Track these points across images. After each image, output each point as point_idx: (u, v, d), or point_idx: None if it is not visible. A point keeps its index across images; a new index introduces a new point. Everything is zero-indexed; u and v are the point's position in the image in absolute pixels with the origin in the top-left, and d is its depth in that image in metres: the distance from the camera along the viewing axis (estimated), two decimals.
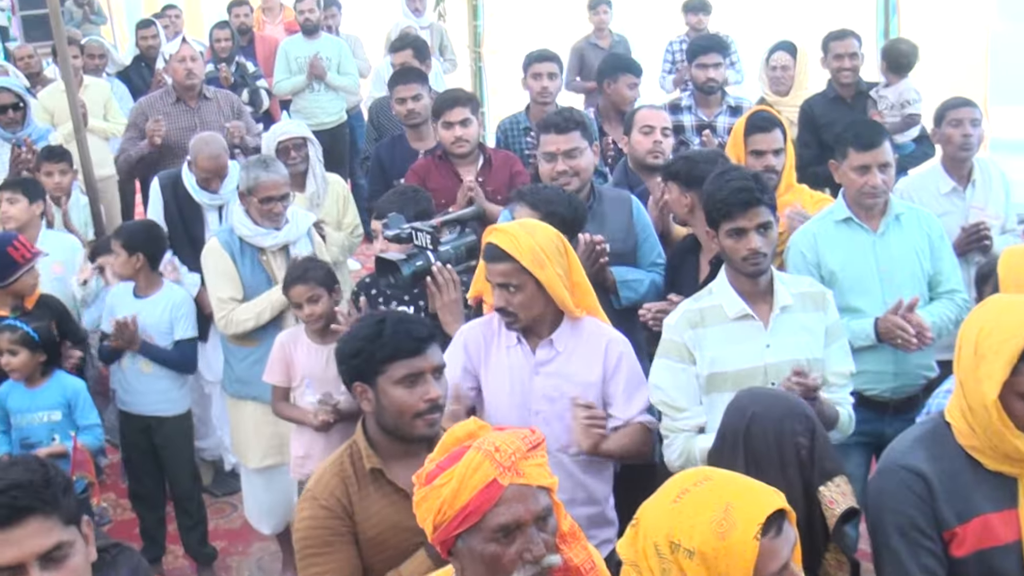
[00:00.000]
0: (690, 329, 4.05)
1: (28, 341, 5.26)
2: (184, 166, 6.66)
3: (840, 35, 7.27)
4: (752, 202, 3.94)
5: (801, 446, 3.13)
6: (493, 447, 2.52)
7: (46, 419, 5.35)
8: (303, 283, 5.09)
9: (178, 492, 6.08)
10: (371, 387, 3.38)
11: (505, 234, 4.03)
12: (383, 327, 3.39)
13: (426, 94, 6.86)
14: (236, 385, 5.74)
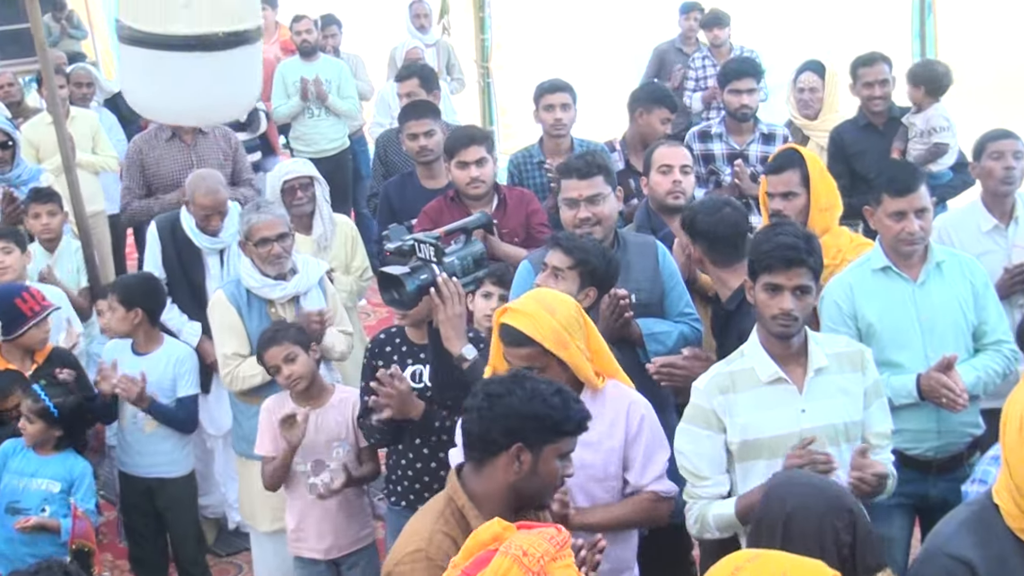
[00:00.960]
0: (720, 395, 4.09)
1: (46, 415, 5.36)
2: (182, 209, 6.69)
3: (868, 60, 7.21)
4: (795, 262, 4.00)
5: (843, 544, 3.14)
6: (521, 551, 2.61)
7: (44, 487, 5.43)
8: (276, 344, 5.18)
9: (181, 556, 6.15)
10: (532, 453, 3.39)
11: (525, 316, 4.04)
12: (568, 399, 3.45)
13: (439, 129, 6.85)
14: (244, 444, 5.80)
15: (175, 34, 4.40)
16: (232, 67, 4.56)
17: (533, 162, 7.08)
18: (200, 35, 4.39)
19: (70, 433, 5.50)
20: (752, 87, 7.18)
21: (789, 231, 4.17)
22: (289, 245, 5.78)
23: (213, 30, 4.41)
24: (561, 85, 7.21)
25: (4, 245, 6.32)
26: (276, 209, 5.85)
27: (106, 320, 6.04)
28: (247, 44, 4.53)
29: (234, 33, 4.44)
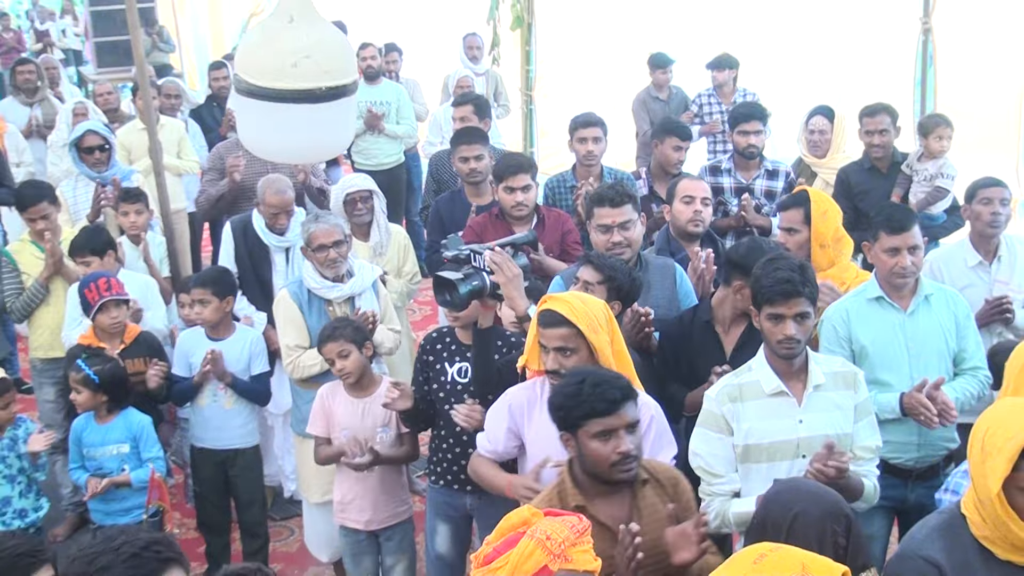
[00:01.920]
0: (729, 403, 4.16)
1: (88, 383, 5.46)
2: (254, 211, 6.78)
3: (872, 111, 7.26)
4: (793, 293, 4.06)
5: (839, 545, 3.18)
6: (545, 535, 2.71)
7: (115, 452, 5.53)
8: (333, 341, 5.23)
9: (247, 518, 6.21)
10: (573, 437, 3.59)
11: (563, 302, 4.18)
12: (582, 387, 3.57)
13: (487, 154, 6.93)
14: (301, 425, 5.81)
15: (285, 88, 4.50)
16: (331, 116, 4.66)
17: (567, 186, 7.11)
18: (306, 90, 4.49)
19: (115, 396, 5.57)
20: (759, 129, 7.19)
21: (784, 265, 4.21)
22: (345, 251, 5.84)
23: (317, 85, 4.51)
24: (594, 120, 7.22)
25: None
26: (333, 219, 5.92)
27: (194, 311, 6.07)
28: (344, 97, 4.64)
29: (334, 88, 4.55)
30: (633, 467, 3.60)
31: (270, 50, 4.56)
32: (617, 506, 3.63)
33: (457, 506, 5.16)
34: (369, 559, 5.49)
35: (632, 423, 3.60)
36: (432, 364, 5.10)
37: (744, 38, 10.93)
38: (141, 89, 7.50)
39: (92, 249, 6.42)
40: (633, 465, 3.59)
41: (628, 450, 3.55)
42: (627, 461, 3.56)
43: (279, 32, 4.58)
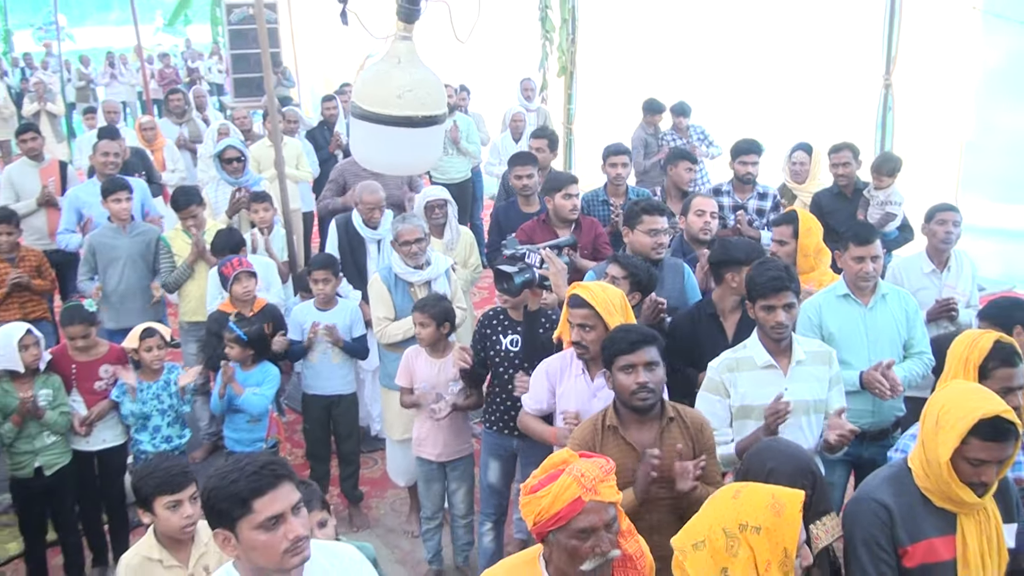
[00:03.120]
0: (728, 372, 4.17)
1: (239, 340, 5.52)
2: (353, 210, 6.83)
3: (837, 148, 7.24)
4: (781, 288, 4.08)
5: (806, 496, 3.15)
6: (580, 473, 2.72)
7: (255, 392, 5.55)
8: (419, 311, 5.26)
9: (344, 450, 6.23)
10: (610, 372, 3.71)
11: (586, 289, 4.25)
12: (615, 334, 3.80)
13: (536, 173, 7.01)
14: (387, 379, 5.87)
15: (391, 115, 4.54)
16: (425, 139, 4.70)
17: (599, 200, 7.09)
18: (407, 116, 4.53)
19: (258, 351, 5.63)
20: (755, 160, 7.14)
21: (774, 266, 4.25)
22: (424, 245, 5.84)
23: (416, 114, 4.55)
24: (622, 149, 7.26)
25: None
26: (415, 220, 5.93)
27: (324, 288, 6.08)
28: (436, 124, 4.68)
29: (429, 116, 4.60)
30: (649, 397, 3.66)
31: (381, 85, 4.60)
32: (645, 433, 3.70)
33: (505, 446, 5.18)
34: (438, 484, 5.51)
35: (650, 362, 3.66)
36: (489, 336, 5.11)
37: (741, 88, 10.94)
38: (270, 115, 7.56)
39: (228, 248, 6.52)
40: (649, 395, 3.65)
41: (644, 382, 3.63)
42: (644, 391, 3.64)
43: (389, 71, 4.62)
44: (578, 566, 2.73)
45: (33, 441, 5.31)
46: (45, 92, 15.80)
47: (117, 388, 5.52)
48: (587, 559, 2.72)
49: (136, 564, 3.62)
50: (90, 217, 7.67)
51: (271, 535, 2.51)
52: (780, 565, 2.52)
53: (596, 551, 2.71)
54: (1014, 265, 9.44)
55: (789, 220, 5.55)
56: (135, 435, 5.54)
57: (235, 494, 2.52)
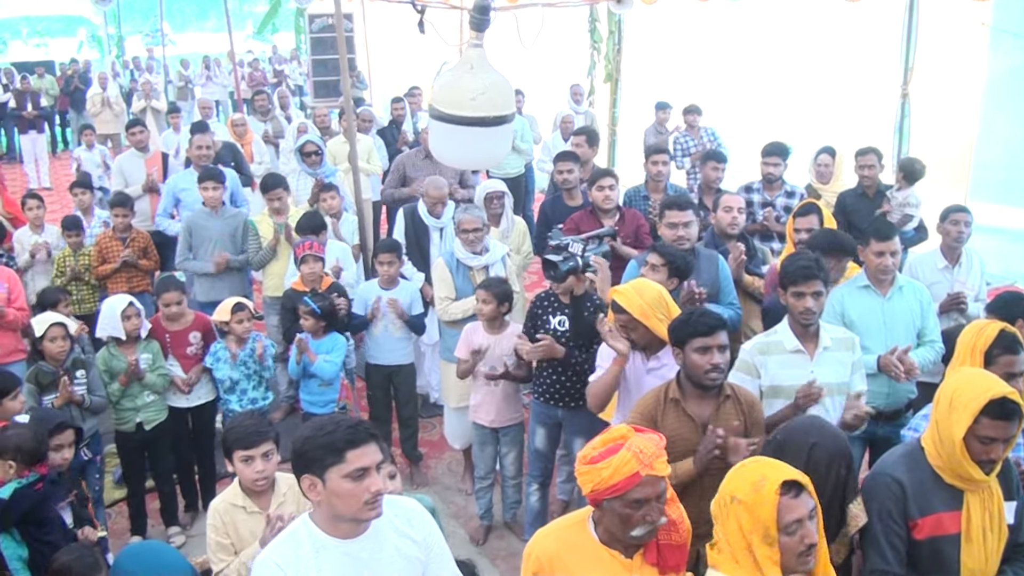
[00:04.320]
0: (759, 354, 4.10)
1: (313, 313, 5.54)
2: (419, 200, 6.82)
3: (864, 152, 7.08)
4: (811, 276, 4.00)
5: (840, 476, 3.14)
6: (639, 449, 2.67)
7: (324, 359, 5.57)
8: (486, 290, 5.25)
9: (404, 413, 6.24)
10: (681, 351, 3.64)
11: (622, 294, 4.19)
12: (691, 316, 3.68)
13: (576, 169, 6.93)
14: (447, 353, 5.87)
15: (465, 115, 4.51)
16: (495, 137, 4.66)
17: (640, 195, 7.03)
18: (479, 117, 4.50)
19: (330, 323, 5.64)
20: (777, 162, 6.99)
21: (804, 256, 4.18)
22: (483, 234, 5.82)
23: (488, 114, 4.51)
24: (663, 149, 7.20)
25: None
26: (476, 211, 5.91)
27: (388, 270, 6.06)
28: (506, 124, 4.64)
29: (499, 117, 4.56)
30: (719, 377, 3.61)
31: (456, 89, 4.56)
32: (703, 407, 3.64)
33: (551, 416, 5.14)
34: (490, 448, 5.49)
35: (723, 345, 3.59)
36: (540, 316, 5.07)
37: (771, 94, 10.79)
38: (346, 114, 7.57)
39: (311, 228, 6.52)
40: (719, 375, 3.60)
41: (718, 363, 3.57)
42: (716, 371, 3.58)
43: (463, 75, 4.59)
44: (629, 531, 2.71)
45: (135, 399, 5.39)
46: (151, 91, 15.99)
47: (210, 355, 5.58)
48: (637, 526, 2.69)
49: (223, 509, 3.65)
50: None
51: (356, 485, 2.50)
52: (762, 538, 2.49)
53: (647, 519, 2.68)
54: (1016, 262, 9.36)
55: (814, 211, 5.43)
56: (225, 396, 5.61)
57: (331, 443, 2.51)
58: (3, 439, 3.66)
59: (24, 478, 3.64)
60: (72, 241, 7.23)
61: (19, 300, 6.10)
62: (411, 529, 2.74)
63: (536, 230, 7.17)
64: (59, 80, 19.14)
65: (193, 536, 5.65)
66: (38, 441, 3.72)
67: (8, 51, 32.40)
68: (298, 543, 2.60)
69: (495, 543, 5.57)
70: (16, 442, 3.66)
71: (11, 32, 36.22)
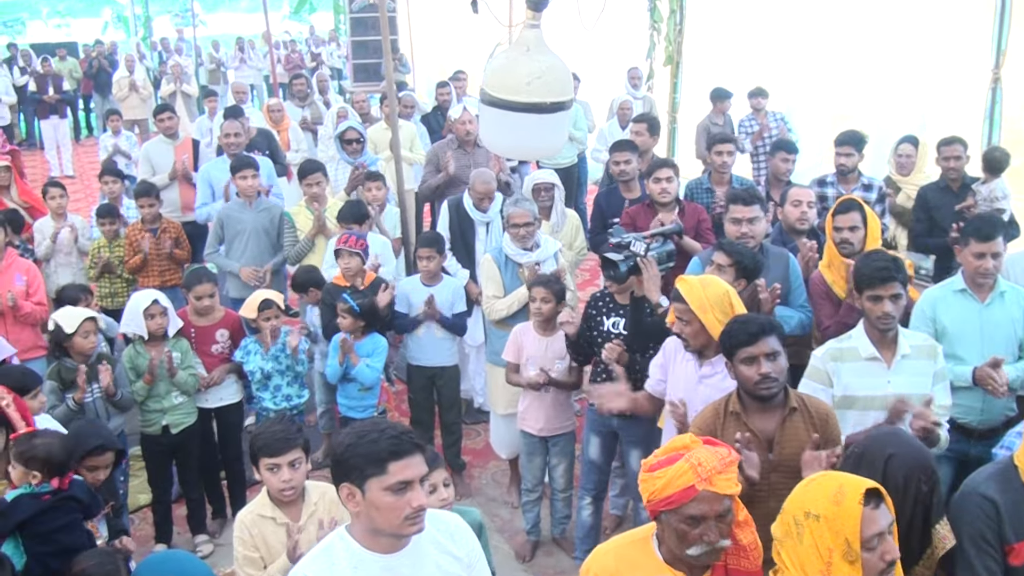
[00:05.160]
0: (832, 361, 4.02)
1: (352, 312, 5.54)
2: (465, 193, 6.81)
3: (949, 141, 6.94)
4: (888, 279, 3.92)
5: (920, 491, 3.04)
6: (698, 461, 2.63)
7: (365, 363, 5.59)
8: (544, 287, 5.23)
9: (447, 418, 6.23)
10: (732, 363, 3.57)
11: (687, 284, 4.11)
12: (733, 324, 3.62)
13: (635, 159, 6.87)
14: (493, 356, 5.89)
15: (519, 101, 4.50)
16: (552, 124, 4.65)
17: (703, 188, 6.96)
18: (534, 103, 4.48)
19: (369, 323, 5.63)
20: (849, 151, 6.86)
21: (881, 257, 4.07)
22: (533, 229, 5.82)
23: (543, 100, 4.50)
24: (729, 138, 7.14)
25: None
26: (526, 204, 5.90)
27: (428, 265, 6.08)
28: (563, 111, 4.63)
29: (555, 103, 4.55)
30: (773, 387, 3.50)
31: (511, 72, 4.55)
32: (767, 421, 3.55)
33: (607, 424, 5.10)
34: (539, 458, 5.47)
35: (772, 352, 3.49)
36: (594, 316, 5.04)
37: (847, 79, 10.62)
38: (388, 99, 7.59)
39: (354, 218, 6.56)
40: (773, 385, 3.50)
41: (767, 372, 3.47)
42: (766, 381, 3.48)
43: (518, 58, 4.58)
44: (685, 550, 2.66)
45: (162, 400, 5.46)
46: (181, 74, 16.21)
47: (240, 349, 5.64)
48: (694, 545, 2.65)
49: (250, 521, 3.67)
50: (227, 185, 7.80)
51: (397, 499, 2.50)
52: (844, 555, 2.43)
53: (704, 539, 2.63)
54: None
55: (855, 206, 5.18)
56: (258, 393, 5.68)
57: (373, 453, 2.50)
58: (32, 448, 3.69)
59: (38, 487, 3.66)
60: (107, 230, 7.34)
61: (38, 294, 6.23)
62: (453, 545, 2.74)
63: (591, 224, 7.15)
64: (82, 63, 19.51)
65: (221, 545, 5.72)
66: (67, 454, 3.75)
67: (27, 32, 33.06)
68: (334, 558, 2.60)
69: (542, 560, 5.55)
70: (46, 453, 3.68)
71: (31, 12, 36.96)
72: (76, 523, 3.71)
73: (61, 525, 3.66)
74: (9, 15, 35.21)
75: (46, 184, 7.91)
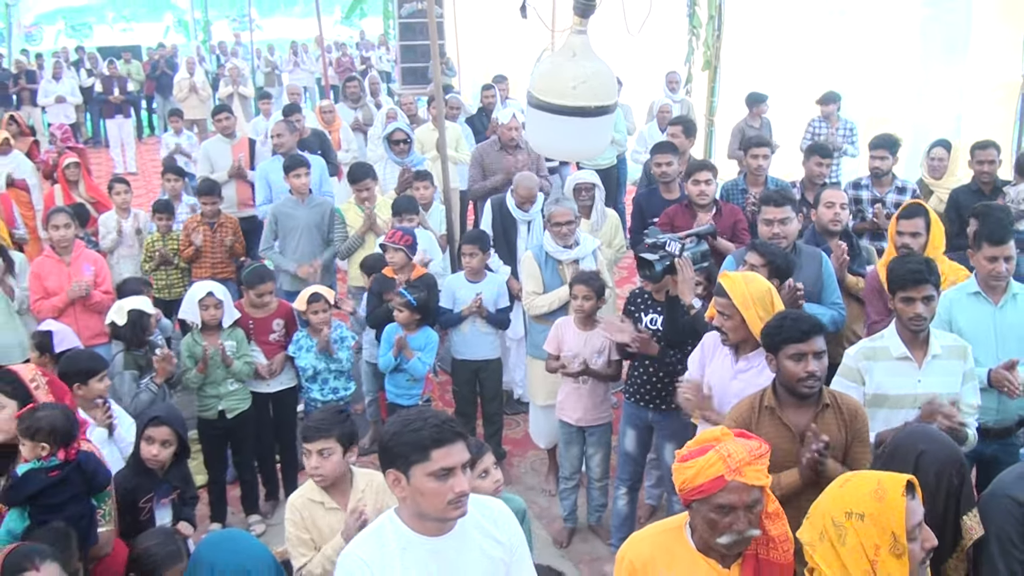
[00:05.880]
0: (864, 360, 4.00)
1: (408, 305, 5.56)
2: (507, 193, 6.84)
3: (983, 145, 6.84)
4: (921, 281, 3.89)
5: (952, 484, 3.05)
6: (727, 453, 2.64)
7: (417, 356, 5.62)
8: (586, 284, 5.23)
9: (489, 409, 6.26)
10: (775, 357, 3.55)
11: (730, 279, 4.10)
12: (784, 320, 3.57)
13: (675, 161, 6.82)
14: (534, 349, 5.92)
15: (565, 104, 4.49)
16: (597, 127, 4.64)
17: (739, 189, 6.92)
18: (580, 107, 4.47)
19: (424, 316, 5.66)
20: (885, 155, 6.80)
21: (914, 260, 4.06)
22: (574, 227, 5.82)
23: (589, 104, 4.48)
24: (765, 141, 7.09)
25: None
26: (568, 203, 5.91)
27: (471, 262, 6.08)
28: (608, 114, 4.61)
29: (600, 107, 4.53)
30: (816, 385, 3.50)
31: (557, 76, 4.53)
32: (801, 416, 3.54)
33: (642, 417, 5.11)
34: (576, 447, 5.49)
35: (819, 351, 3.48)
36: (632, 313, 5.06)
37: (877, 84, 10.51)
38: (435, 101, 7.63)
39: (407, 211, 6.62)
40: (816, 383, 3.50)
41: (813, 370, 3.46)
42: (811, 379, 3.48)
43: (564, 63, 4.56)
44: (715, 538, 2.68)
45: (218, 387, 5.55)
46: (238, 77, 16.38)
47: (293, 344, 5.71)
48: (724, 533, 2.66)
49: (300, 504, 3.72)
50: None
51: (440, 484, 2.52)
52: (890, 549, 2.40)
53: (733, 528, 2.64)
54: None
55: (921, 212, 5.15)
56: (307, 385, 5.73)
57: (417, 441, 2.53)
58: (36, 421, 3.72)
59: (47, 460, 3.69)
60: (162, 224, 7.47)
61: (105, 283, 6.39)
62: (496, 530, 2.77)
63: (631, 224, 7.13)
64: (145, 65, 19.82)
65: (273, 525, 5.80)
66: (71, 423, 3.76)
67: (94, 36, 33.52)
68: (384, 539, 2.64)
69: (579, 546, 5.57)
70: (50, 424, 3.69)
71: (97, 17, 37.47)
72: (81, 495, 3.70)
73: (69, 497, 3.67)
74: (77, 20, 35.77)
75: (111, 180, 8.04)
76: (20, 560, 2.77)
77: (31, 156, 9.75)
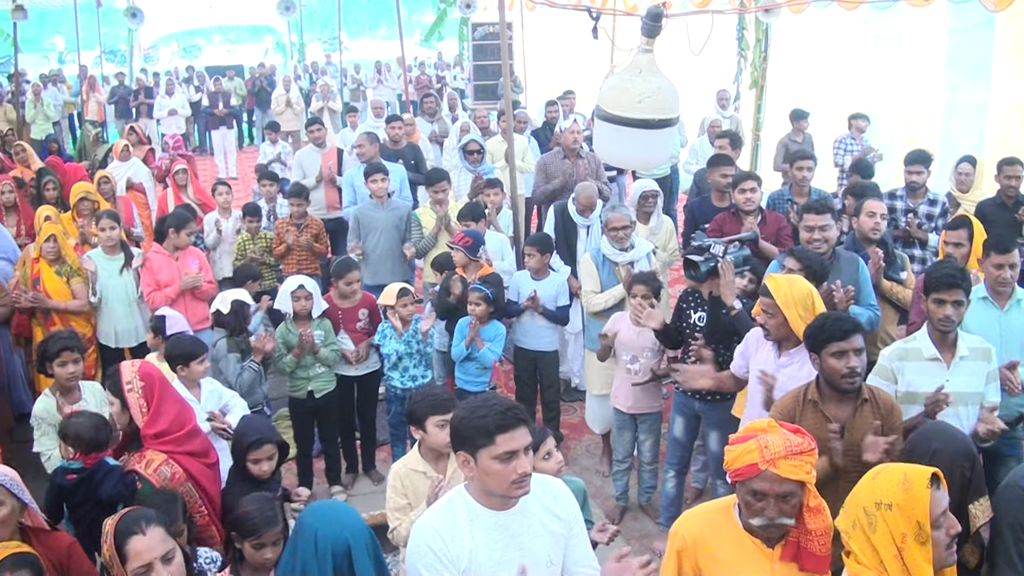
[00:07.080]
0: (897, 360, 3.96)
1: (486, 299, 5.53)
2: (569, 200, 6.84)
3: (1011, 162, 6.67)
4: (953, 285, 3.83)
5: (964, 476, 3.01)
6: (765, 444, 2.61)
7: (487, 346, 5.60)
8: (644, 284, 5.17)
9: (547, 396, 6.25)
10: (818, 355, 3.52)
11: (773, 282, 4.07)
12: (826, 320, 3.54)
13: (731, 172, 6.73)
14: (590, 343, 5.90)
15: (631, 117, 4.49)
16: (660, 139, 4.63)
17: (784, 199, 6.83)
18: (645, 119, 4.46)
19: (496, 309, 5.64)
20: (919, 170, 6.69)
21: (950, 265, 4.01)
22: (630, 232, 5.79)
23: (653, 117, 4.47)
24: (809, 155, 6.99)
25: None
26: (624, 209, 5.88)
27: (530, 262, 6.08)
28: (670, 127, 4.60)
29: (663, 120, 4.52)
30: (857, 381, 3.47)
31: (624, 91, 4.53)
32: (841, 409, 3.51)
33: (690, 407, 5.07)
34: (628, 433, 5.46)
35: (860, 348, 3.45)
36: (684, 310, 5.02)
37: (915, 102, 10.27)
38: (505, 115, 7.65)
39: (472, 217, 6.65)
40: (857, 379, 3.47)
41: (855, 367, 3.43)
42: (853, 375, 3.45)
43: (631, 79, 4.55)
44: (748, 518, 2.69)
45: (308, 370, 5.64)
46: (328, 93, 16.59)
47: (379, 333, 5.76)
48: (756, 516, 2.65)
49: (403, 473, 3.77)
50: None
51: (504, 466, 2.52)
52: (916, 537, 2.36)
53: (764, 514, 2.63)
54: None
55: (965, 224, 5.14)
56: (388, 372, 5.77)
57: (483, 426, 2.53)
58: (67, 426, 3.78)
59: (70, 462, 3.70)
60: (251, 227, 7.59)
61: (209, 276, 6.55)
62: (556, 506, 2.76)
63: (683, 230, 7.08)
64: (247, 82, 20.19)
65: (353, 496, 5.88)
66: (96, 431, 3.75)
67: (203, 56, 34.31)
68: (454, 511, 2.65)
69: (629, 523, 5.54)
70: (75, 432, 3.72)
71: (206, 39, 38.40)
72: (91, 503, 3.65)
73: (82, 500, 3.66)
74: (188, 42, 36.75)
75: (215, 183, 8.24)
76: (129, 524, 2.84)
77: (147, 162, 10.03)
